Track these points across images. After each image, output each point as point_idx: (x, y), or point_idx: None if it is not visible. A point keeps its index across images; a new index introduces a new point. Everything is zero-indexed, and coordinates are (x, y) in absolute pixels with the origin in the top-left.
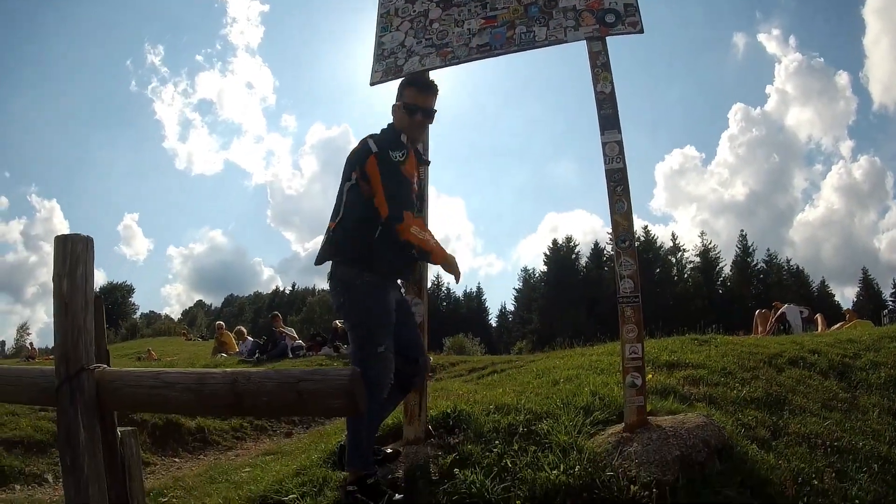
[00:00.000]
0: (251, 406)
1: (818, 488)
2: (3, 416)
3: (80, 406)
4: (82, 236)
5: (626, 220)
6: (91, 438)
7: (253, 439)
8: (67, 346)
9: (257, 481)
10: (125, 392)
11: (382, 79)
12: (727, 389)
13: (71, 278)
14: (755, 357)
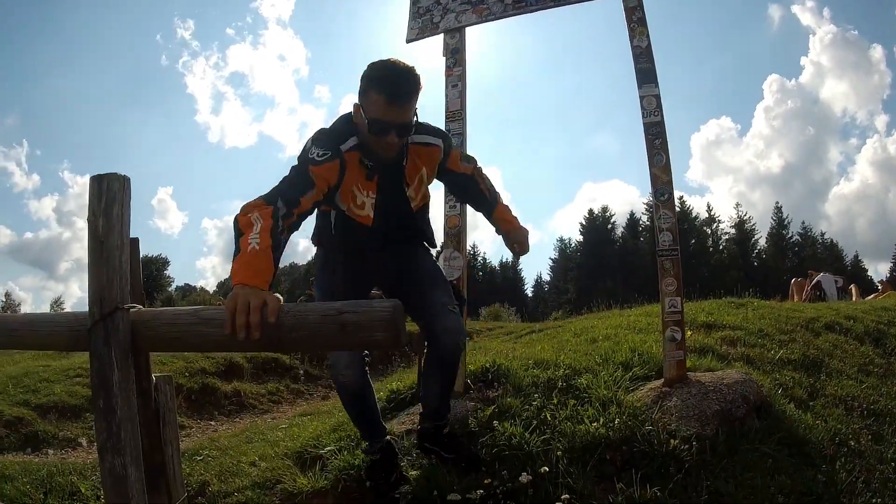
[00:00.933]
0: (291, 340)
1: (855, 449)
2: (37, 383)
3: (113, 346)
4: (119, 175)
5: (665, 174)
6: (125, 380)
7: (289, 403)
8: (102, 285)
9: (294, 438)
10: (162, 331)
11: (419, 36)
12: (764, 350)
13: (107, 217)
14: (792, 321)
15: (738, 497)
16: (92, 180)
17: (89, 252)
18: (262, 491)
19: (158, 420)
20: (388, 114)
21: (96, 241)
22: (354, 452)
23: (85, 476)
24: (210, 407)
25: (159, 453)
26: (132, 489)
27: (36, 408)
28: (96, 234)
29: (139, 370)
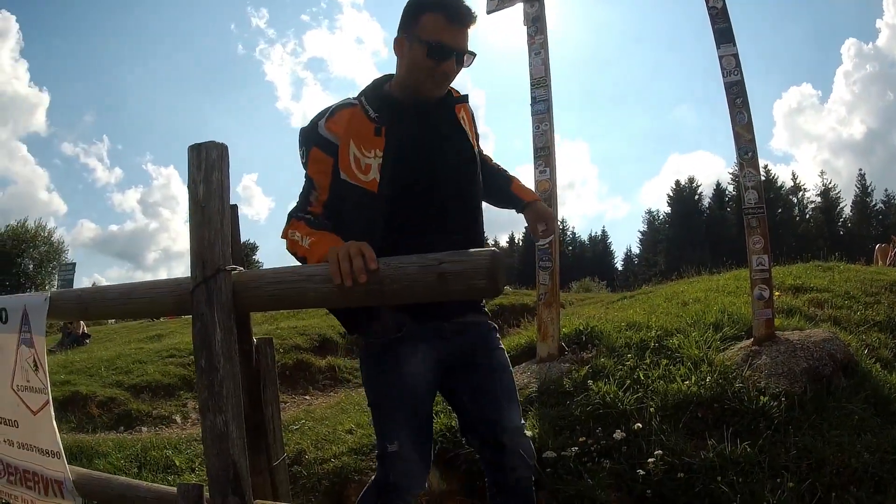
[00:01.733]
0: (392, 291)
1: None
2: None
3: (216, 306)
4: (217, 143)
5: (748, 132)
6: (227, 340)
7: None
8: (204, 248)
9: None
10: (266, 290)
11: (499, 6)
12: (850, 312)
13: (207, 183)
14: (877, 284)
15: (826, 453)
16: (190, 149)
17: (190, 217)
18: (358, 456)
19: (259, 381)
20: (449, 34)
21: (197, 206)
22: (451, 415)
23: (179, 450)
24: (304, 382)
25: (260, 413)
26: (233, 447)
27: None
28: (197, 200)
29: (241, 331)
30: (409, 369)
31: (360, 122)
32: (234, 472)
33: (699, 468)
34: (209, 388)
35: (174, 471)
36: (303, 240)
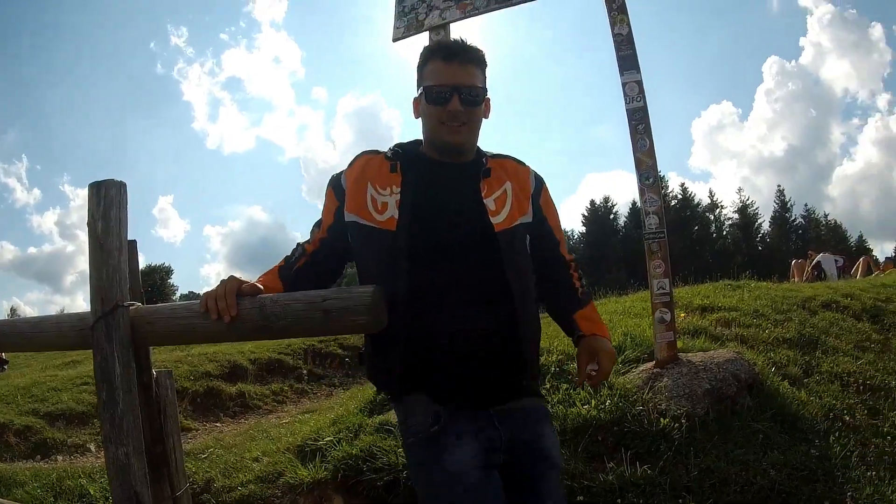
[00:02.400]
0: (280, 328)
1: (850, 424)
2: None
3: (115, 341)
4: (115, 181)
5: (649, 158)
6: (126, 374)
7: (293, 402)
8: (102, 284)
9: (295, 433)
10: (160, 325)
11: (405, 34)
12: (759, 330)
13: (105, 220)
14: (788, 301)
15: (730, 472)
16: (90, 187)
17: (90, 253)
18: (265, 484)
19: (159, 413)
20: (446, 74)
21: (96, 243)
22: (353, 443)
23: (94, 479)
24: (215, 409)
25: (161, 445)
26: (135, 478)
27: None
28: (96, 237)
29: (140, 364)
30: (452, 465)
31: (377, 164)
32: (137, 502)
33: (598, 491)
34: (111, 422)
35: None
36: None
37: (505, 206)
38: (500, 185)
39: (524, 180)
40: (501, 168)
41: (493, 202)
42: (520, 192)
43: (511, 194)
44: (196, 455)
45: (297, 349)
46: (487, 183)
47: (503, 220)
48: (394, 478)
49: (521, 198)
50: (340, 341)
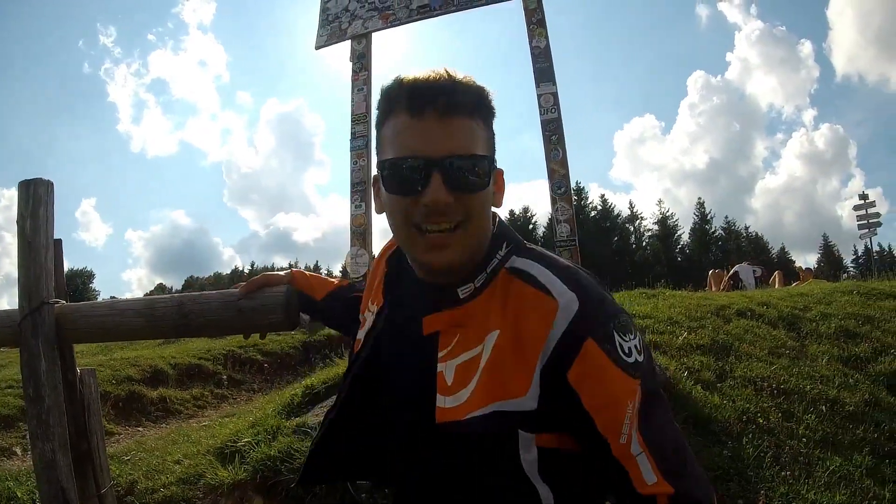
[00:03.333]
0: (198, 325)
1: (764, 426)
2: None
3: (40, 338)
4: (44, 180)
5: (562, 168)
6: (52, 371)
7: (214, 407)
8: (30, 282)
9: (215, 436)
10: (82, 322)
11: (328, 42)
12: (673, 337)
13: (34, 219)
14: (703, 308)
15: None
16: (20, 185)
17: (18, 252)
18: (186, 486)
19: (84, 410)
20: (416, 137)
21: (24, 241)
22: (271, 444)
23: (21, 482)
24: (137, 413)
25: (85, 441)
26: (61, 474)
27: None
28: (24, 235)
29: (64, 361)
30: None
31: (381, 269)
32: (64, 499)
33: None
34: (37, 418)
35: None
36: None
37: (469, 380)
38: (475, 340)
39: (535, 330)
40: (497, 301)
41: (450, 369)
42: (512, 352)
43: (487, 357)
44: (119, 458)
45: (218, 355)
46: (451, 331)
47: (458, 406)
48: None
49: (509, 365)
50: (260, 347)
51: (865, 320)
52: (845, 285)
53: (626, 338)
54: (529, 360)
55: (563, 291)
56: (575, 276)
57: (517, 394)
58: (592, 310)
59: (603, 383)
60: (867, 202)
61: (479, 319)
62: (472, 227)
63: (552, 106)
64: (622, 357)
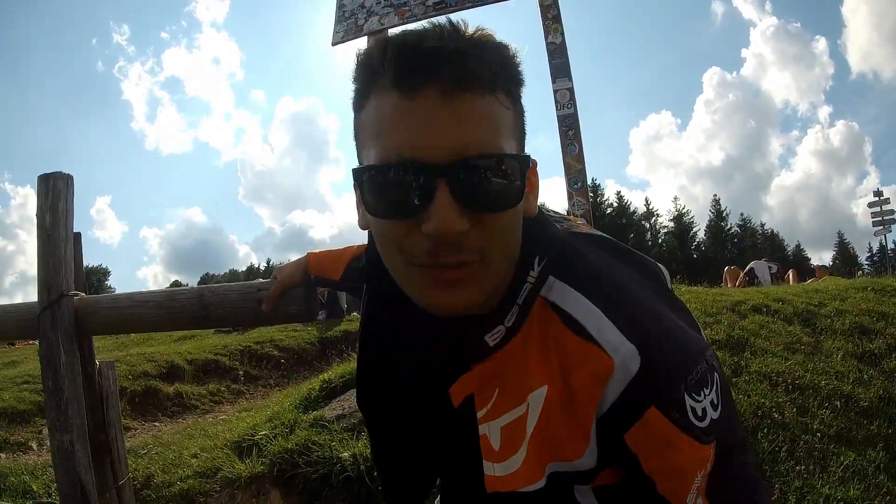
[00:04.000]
0: (217, 317)
1: (779, 421)
2: None
3: (60, 330)
4: (63, 174)
5: (579, 163)
6: (71, 363)
7: (230, 402)
8: (49, 275)
9: (232, 430)
10: (102, 315)
11: (344, 38)
12: None
13: (53, 212)
14: (718, 304)
15: None
16: (39, 179)
17: (38, 244)
18: (203, 479)
19: (102, 403)
20: (408, 130)
21: (44, 234)
22: (288, 438)
23: (36, 476)
24: (153, 409)
25: (103, 434)
26: (79, 465)
27: None
28: (44, 228)
29: (83, 354)
30: None
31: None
32: (82, 489)
33: None
34: (56, 409)
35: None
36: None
37: (519, 444)
38: (518, 396)
39: (588, 387)
40: (535, 344)
41: (494, 431)
42: (563, 411)
43: (535, 417)
44: (136, 452)
45: (234, 350)
46: (488, 385)
47: (510, 475)
48: (328, 471)
49: (561, 426)
50: (276, 342)
51: (880, 317)
52: (860, 282)
53: (700, 396)
54: (583, 421)
55: (619, 344)
56: (637, 313)
57: (574, 457)
58: (658, 369)
59: (668, 453)
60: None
61: (518, 369)
62: (497, 257)
63: (568, 101)
64: (693, 424)
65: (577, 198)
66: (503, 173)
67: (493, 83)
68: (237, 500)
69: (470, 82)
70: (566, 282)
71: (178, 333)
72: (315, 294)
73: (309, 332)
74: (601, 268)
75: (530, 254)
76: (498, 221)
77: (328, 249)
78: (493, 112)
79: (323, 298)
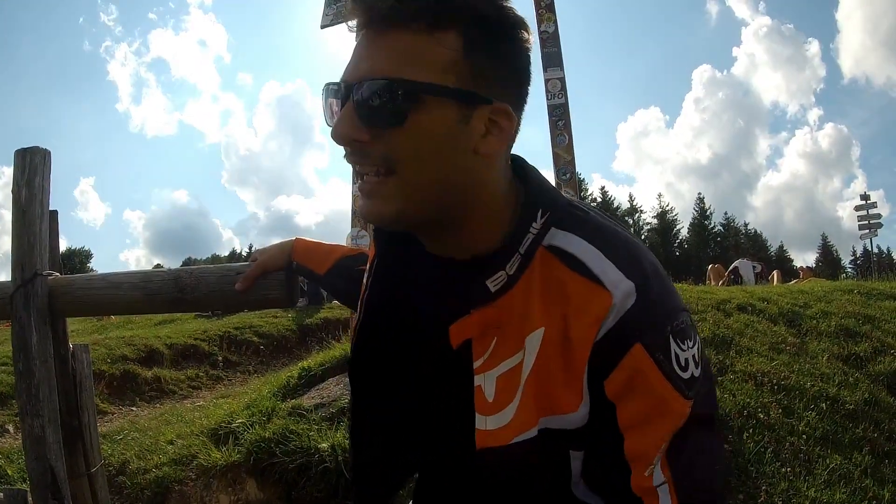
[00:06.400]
0: (194, 299)
1: (764, 422)
2: None
3: (32, 310)
4: (40, 149)
5: (568, 154)
6: (43, 344)
7: (208, 388)
8: (23, 252)
9: (209, 417)
10: (77, 295)
11: (333, 21)
12: None
13: (29, 187)
14: (703, 302)
15: None
16: (16, 154)
17: (13, 221)
18: (179, 466)
19: (75, 387)
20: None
21: (18, 210)
22: (266, 426)
23: (11, 460)
24: (131, 393)
25: (76, 419)
26: (50, 451)
27: None
28: (19, 204)
29: (56, 336)
30: None
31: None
32: (52, 476)
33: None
34: (27, 392)
35: (7, 480)
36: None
37: (513, 394)
38: (515, 343)
39: (586, 329)
40: (536, 289)
41: (489, 381)
42: (560, 356)
43: (530, 363)
44: (112, 437)
45: (213, 335)
46: (487, 334)
47: (501, 427)
48: (306, 461)
49: (557, 372)
50: (256, 329)
51: (866, 320)
52: (846, 284)
53: (685, 345)
54: (578, 365)
55: (619, 281)
56: (636, 256)
57: (568, 408)
58: (650, 306)
59: (647, 399)
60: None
61: (518, 316)
62: (410, 171)
63: (559, 91)
64: (675, 371)
65: (566, 189)
66: (392, 94)
67: (419, 17)
68: (212, 489)
69: (395, 17)
70: (568, 230)
71: (158, 317)
72: (296, 280)
73: (289, 319)
74: (602, 221)
75: (531, 208)
76: (393, 138)
77: (318, 241)
78: (408, 45)
79: (304, 285)
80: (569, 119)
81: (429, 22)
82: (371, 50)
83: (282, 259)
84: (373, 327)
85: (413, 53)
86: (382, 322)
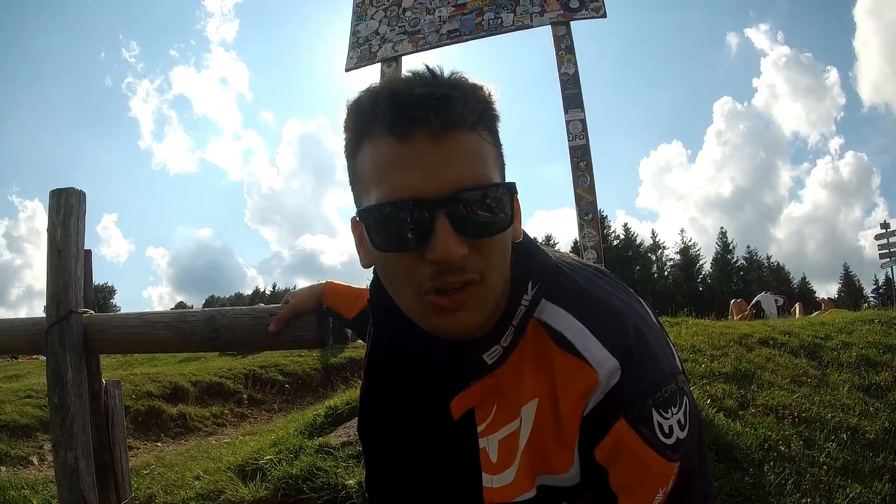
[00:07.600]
0: (227, 340)
1: (785, 454)
2: None
3: (68, 346)
4: (76, 189)
5: (590, 195)
6: (77, 379)
7: (233, 425)
8: (59, 290)
9: (236, 453)
10: (112, 333)
11: (357, 65)
12: (695, 365)
13: (64, 227)
14: (725, 337)
15: None
16: (51, 194)
17: (48, 260)
18: (206, 502)
19: (107, 421)
20: (406, 171)
21: (54, 250)
22: (293, 463)
23: (37, 490)
24: (156, 429)
25: (108, 452)
26: (83, 482)
27: None
28: (55, 243)
29: (90, 371)
30: None
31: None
32: None
33: None
34: (61, 426)
35: None
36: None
37: (513, 457)
38: (512, 411)
39: (574, 403)
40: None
41: (493, 444)
42: (552, 425)
43: (527, 431)
44: (138, 471)
45: (238, 373)
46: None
47: (505, 487)
48: (332, 497)
49: (550, 439)
50: (281, 367)
51: (886, 349)
52: (866, 314)
53: (668, 413)
54: (569, 433)
55: (604, 360)
56: (620, 328)
57: (561, 469)
58: (631, 382)
59: (634, 467)
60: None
61: (513, 386)
62: (494, 277)
63: (580, 132)
64: (659, 439)
65: (588, 229)
66: (493, 201)
67: (476, 122)
68: None
69: (456, 123)
70: (556, 303)
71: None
72: (328, 322)
73: (314, 358)
74: (589, 289)
75: (522, 279)
76: (493, 245)
77: (349, 285)
78: (477, 148)
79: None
80: (590, 159)
81: (475, 119)
82: (446, 156)
83: (312, 302)
84: (377, 393)
85: (484, 155)
86: (385, 389)
